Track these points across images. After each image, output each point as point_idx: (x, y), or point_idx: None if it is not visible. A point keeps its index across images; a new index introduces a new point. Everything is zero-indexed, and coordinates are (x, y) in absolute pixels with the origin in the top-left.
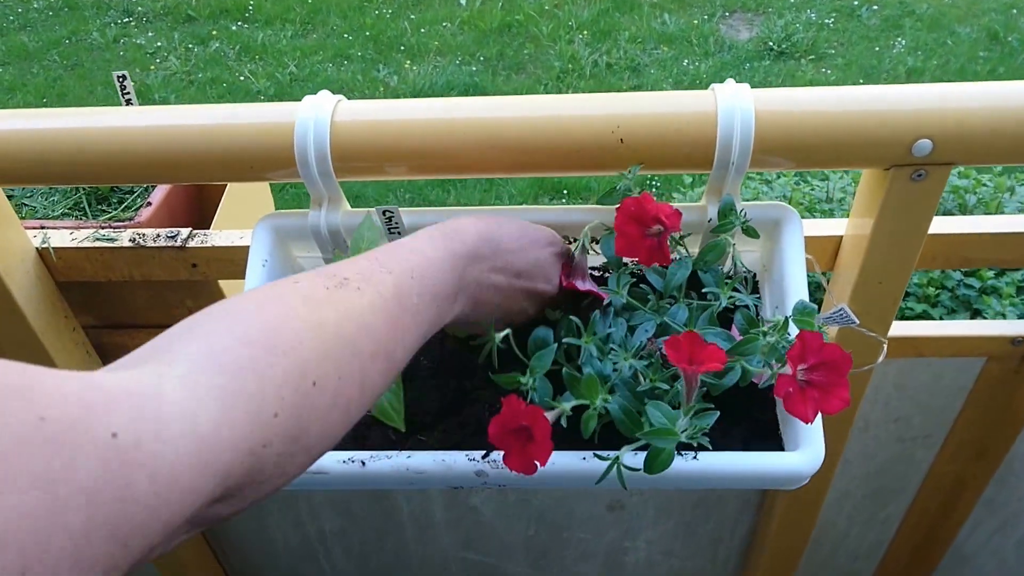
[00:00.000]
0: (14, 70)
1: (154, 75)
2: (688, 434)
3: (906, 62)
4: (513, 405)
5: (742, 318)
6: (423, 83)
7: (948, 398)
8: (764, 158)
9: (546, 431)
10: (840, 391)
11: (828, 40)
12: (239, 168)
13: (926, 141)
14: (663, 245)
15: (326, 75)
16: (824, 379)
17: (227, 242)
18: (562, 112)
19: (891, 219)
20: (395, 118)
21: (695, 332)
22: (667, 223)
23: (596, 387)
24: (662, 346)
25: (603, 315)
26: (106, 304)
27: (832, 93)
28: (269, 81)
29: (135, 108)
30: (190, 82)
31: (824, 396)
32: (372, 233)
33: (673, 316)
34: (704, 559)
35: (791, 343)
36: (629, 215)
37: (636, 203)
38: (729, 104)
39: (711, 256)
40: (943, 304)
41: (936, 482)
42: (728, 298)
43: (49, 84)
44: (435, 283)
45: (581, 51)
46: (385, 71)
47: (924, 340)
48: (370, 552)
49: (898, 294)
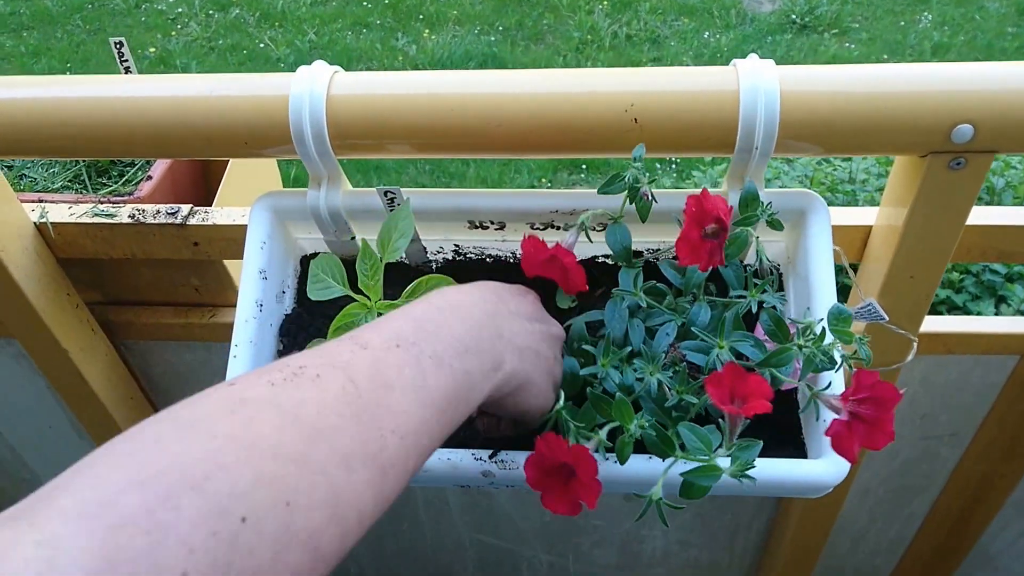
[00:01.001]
0: (38, 34)
1: (175, 41)
2: (733, 471)
3: (932, 37)
4: (552, 444)
5: (769, 319)
6: (441, 52)
7: (977, 396)
8: (790, 143)
9: (593, 470)
10: (886, 426)
11: (852, 14)
12: (232, 144)
13: (967, 126)
14: (722, 247)
15: (345, 43)
16: (871, 413)
17: (229, 220)
18: (572, 89)
19: (926, 210)
20: (395, 92)
21: (736, 365)
22: (725, 222)
23: (630, 411)
24: (686, 353)
25: (613, 307)
26: (111, 281)
27: (864, 72)
28: (289, 48)
29: (122, 77)
30: (211, 48)
31: (870, 432)
32: (407, 223)
33: (695, 317)
34: (721, 550)
35: (825, 352)
36: (692, 217)
37: (696, 202)
38: (752, 83)
39: (732, 250)
40: (967, 290)
41: (962, 481)
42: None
43: (72, 49)
44: (457, 336)
45: (601, 22)
46: (404, 40)
47: (954, 336)
48: (385, 535)
49: (930, 290)
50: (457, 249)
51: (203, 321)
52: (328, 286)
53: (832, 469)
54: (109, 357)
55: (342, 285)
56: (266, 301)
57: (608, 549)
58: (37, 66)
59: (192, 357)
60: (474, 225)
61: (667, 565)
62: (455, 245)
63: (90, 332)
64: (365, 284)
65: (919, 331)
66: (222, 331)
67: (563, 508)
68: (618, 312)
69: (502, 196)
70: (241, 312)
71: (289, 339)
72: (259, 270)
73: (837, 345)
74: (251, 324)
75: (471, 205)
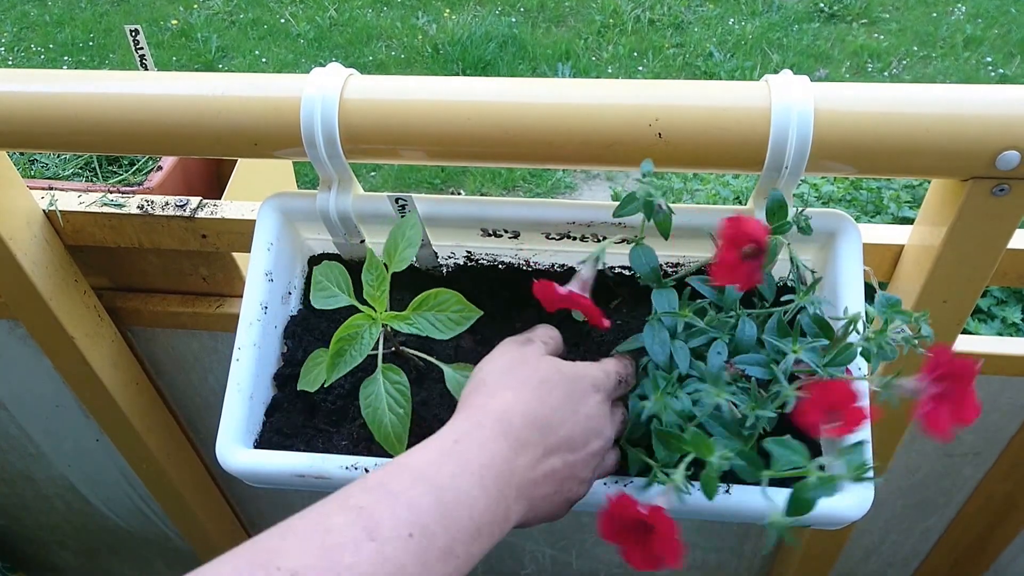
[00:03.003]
0: (62, 4)
1: (197, 14)
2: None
3: (964, 30)
4: (625, 505)
5: (810, 320)
6: (462, 32)
7: (1005, 417)
8: (822, 163)
9: (672, 530)
10: (970, 399)
11: (883, 3)
12: (241, 145)
13: (1014, 153)
14: (760, 267)
15: (365, 20)
16: (952, 390)
17: (237, 214)
18: (594, 100)
19: (964, 235)
20: (410, 98)
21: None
22: (763, 243)
23: (708, 443)
24: (745, 368)
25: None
26: (120, 268)
27: (904, 92)
28: (309, 24)
29: (131, 74)
30: (232, 23)
31: (958, 407)
32: (414, 232)
33: (741, 333)
34: (729, 553)
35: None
36: (729, 239)
37: (733, 224)
38: (785, 101)
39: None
40: (992, 294)
41: (984, 500)
42: (788, 300)
43: (96, 19)
44: (468, 520)
45: (623, 5)
46: (424, 19)
47: (984, 357)
48: None
49: (963, 315)
50: (469, 255)
51: (210, 311)
52: (333, 295)
53: (855, 503)
54: (115, 343)
55: (347, 294)
56: (271, 303)
57: (611, 547)
58: (60, 35)
59: (199, 345)
60: (488, 233)
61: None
62: (467, 252)
63: (96, 318)
64: (371, 295)
65: None
66: (229, 321)
67: (645, 565)
68: (658, 337)
69: (517, 206)
70: (245, 315)
71: (294, 342)
72: (265, 272)
73: (898, 327)
74: (255, 327)
75: (485, 214)
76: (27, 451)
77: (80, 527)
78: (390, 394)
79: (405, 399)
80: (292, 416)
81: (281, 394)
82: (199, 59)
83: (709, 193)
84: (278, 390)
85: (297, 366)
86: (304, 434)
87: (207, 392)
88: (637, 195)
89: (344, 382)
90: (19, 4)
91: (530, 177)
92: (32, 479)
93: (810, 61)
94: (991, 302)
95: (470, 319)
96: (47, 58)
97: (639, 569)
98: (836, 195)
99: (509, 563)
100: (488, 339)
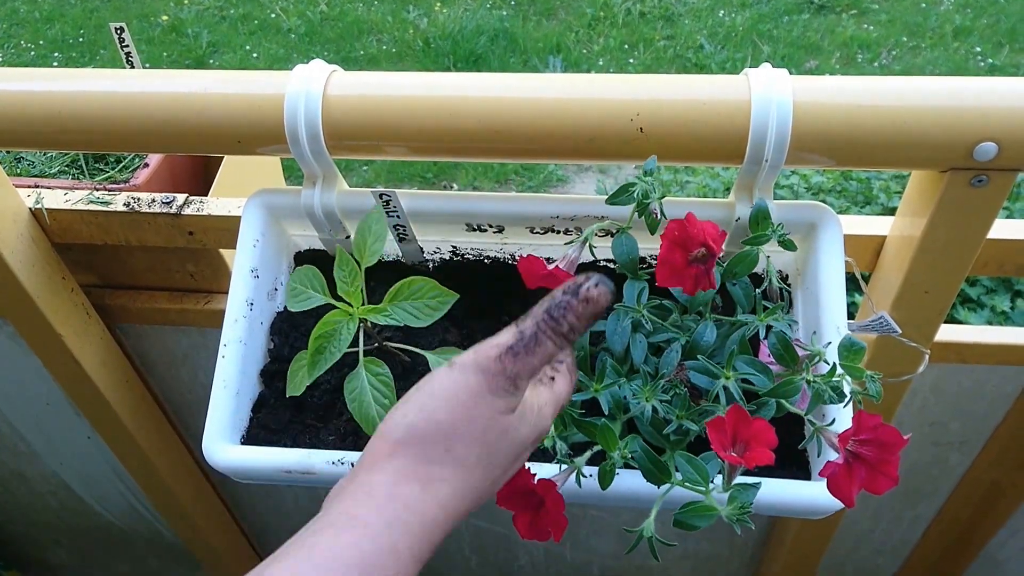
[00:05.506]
0: (52, 0)
1: (188, 9)
2: (729, 512)
3: (953, 20)
4: (522, 475)
5: (777, 342)
6: (452, 26)
7: (990, 405)
8: (802, 155)
9: (559, 506)
10: (889, 469)
11: None
12: (224, 142)
13: (991, 144)
14: (709, 272)
15: (356, 15)
16: (874, 455)
17: (224, 211)
18: (575, 95)
19: (943, 226)
20: (393, 94)
21: (741, 408)
22: (714, 248)
23: (615, 437)
24: (689, 375)
25: (615, 321)
26: (107, 265)
27: (882, 85)
28: (300, 19)
29: (117, 72)
30: (222, 18)
31: (872, 475)
32: (380, 226)
33: (699, 337)
34: (720, 542)
35: (834, 387)
36: (674, 241)
37: (679, 226)
38: (765, 94)
39: (740, 268)
40: (982, 283)
41: (971, 488)
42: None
43: (86, 15)
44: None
45: None
46: (415, 12)
47: (969, 346)
48: None
49: (945, 305)
50: (455, 250)
51: (198, 307)
52: (308, 297)
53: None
54: (104, 340)
55: (322, 293)
56: (257, 299)
57: (606, 538)
58: (50, 31)
59: (188, 342)
60: (472, 228)
61: (665, 554)
62: (452, 246)
63: (85, 315)
64: (344, 291)
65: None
66: (217, 317)
67: (530, 534)
68: (620, 327)
69: (501, 200)
70: (231, 311)
71: (280, 338)
72: (251, 269)
73: (846, 379)
74: (240, 324)
75: (470, 209)
76: (19, 449)
77: (73, 524)
78: (374, 387)
79: (390, 390)
80: (279, 412)
81: (267, 390)
82: (190, 55)
83: (699, 185)
84: (264, 386)
85: (284, 362)
86: (291, 430)
87: (197, 388)
88: (634, 188)
89: (330, 378)
90: (8, 0)
91: (523, 171)
92: (24, 477)
93: (800, 52)
94: (980, 291)
95: (447, 303)
96: (37, 54)
97: (524, 537)
98: (826, 186)
99: (503, 555)
100: (474, 332)
